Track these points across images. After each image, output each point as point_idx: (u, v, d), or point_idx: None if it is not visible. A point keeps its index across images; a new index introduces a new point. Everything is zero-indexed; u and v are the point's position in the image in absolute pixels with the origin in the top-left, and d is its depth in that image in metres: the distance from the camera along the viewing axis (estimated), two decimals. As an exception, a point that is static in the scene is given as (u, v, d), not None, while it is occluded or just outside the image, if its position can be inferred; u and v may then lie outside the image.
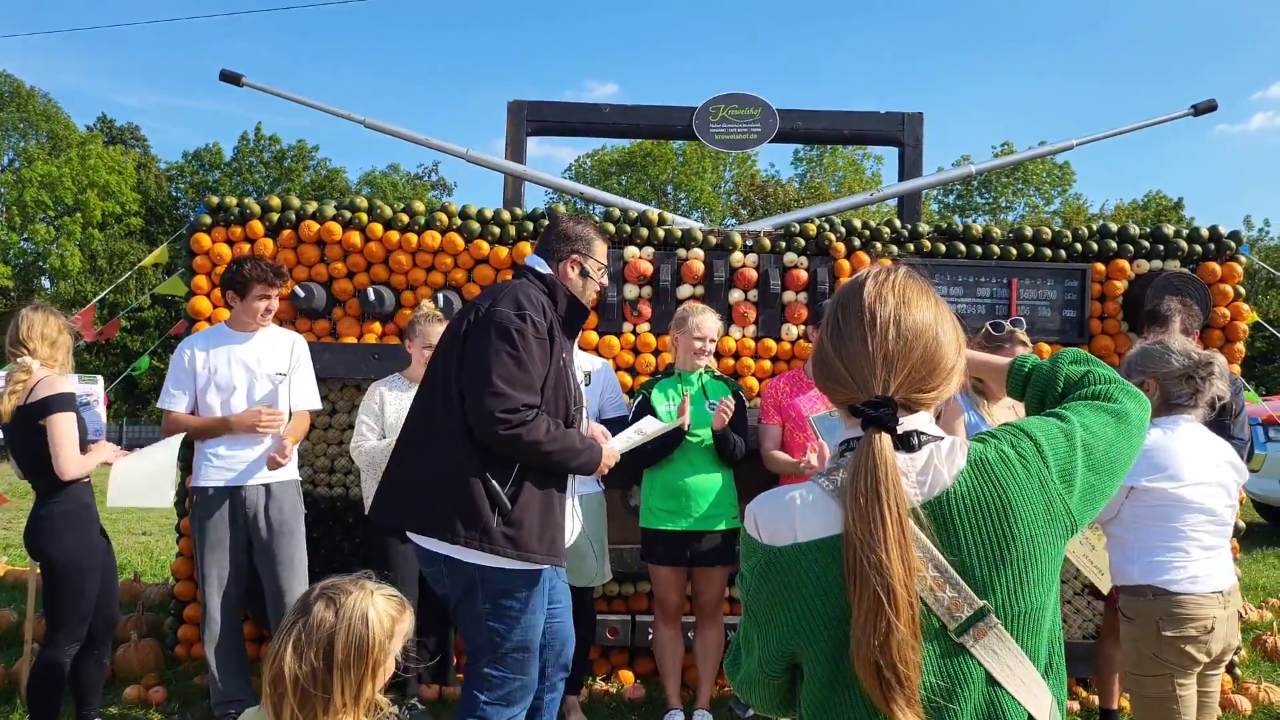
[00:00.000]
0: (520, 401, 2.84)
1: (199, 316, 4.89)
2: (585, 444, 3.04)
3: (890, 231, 4.99)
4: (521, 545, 2.89)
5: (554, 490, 3.01)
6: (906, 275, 1.50)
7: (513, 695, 3.03)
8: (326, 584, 1.87)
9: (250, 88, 5.36)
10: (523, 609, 2.98)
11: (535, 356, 2.90)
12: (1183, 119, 5.49)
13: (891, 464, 1.35)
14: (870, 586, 1.30)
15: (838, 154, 35.74)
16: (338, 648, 1.78)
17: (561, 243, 3.17)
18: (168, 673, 4.83)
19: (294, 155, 38.13)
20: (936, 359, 1.45)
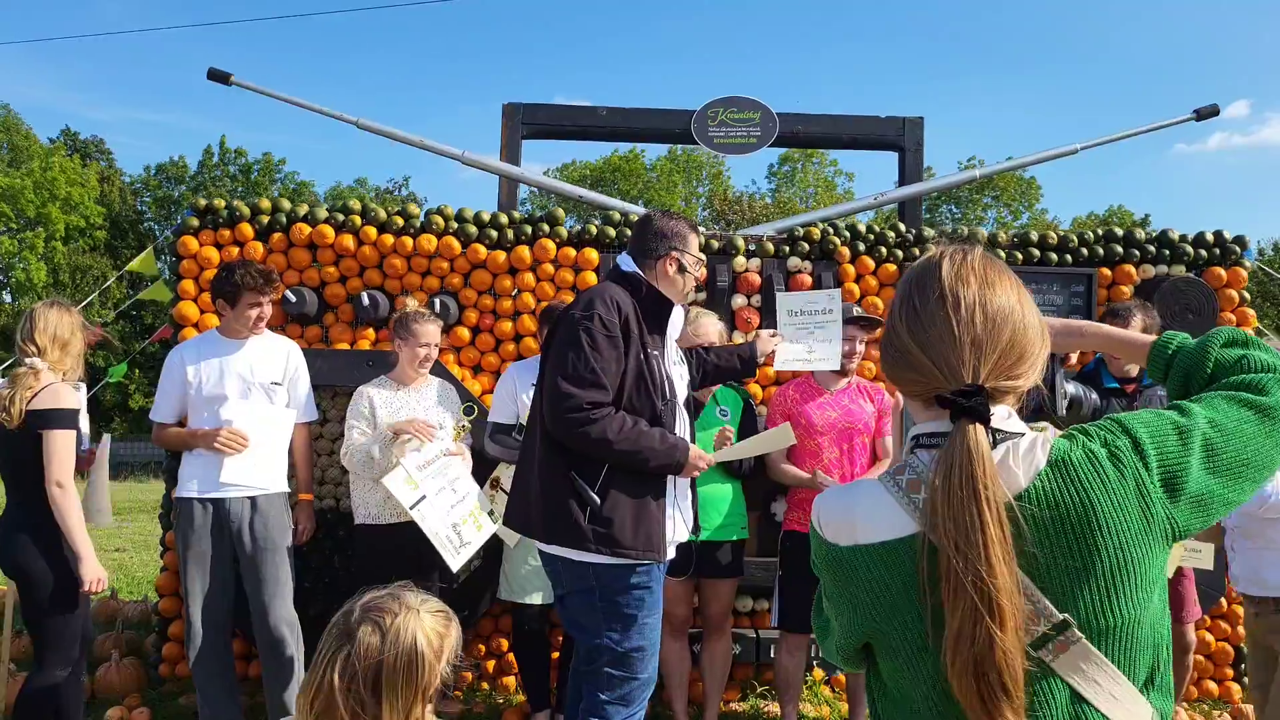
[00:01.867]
0: (585, 399, 2.82)
1: (186, 322, 4.72)
2: (667, 443, 2.93)
3: (895, 236, 4.92)
4: (614, 542, 2.86)
5: (648, 488, 2.95)
6: (984, 255, 1.38)
7: (631, 695, 2.99)
8: (367, 604, 1.74)
9: (239, 87, 5.21)
10: (637, 606, 2.95)
11: (604, 353, 2.87)
12: (1186, 122, 5.48)
13: (989, 459, 1.23)
14: (966, 596, 1.18)
15: (809, 171, 35.94)
16: (386, 675, 1.66)
17: (658, 241, 3.13)
18: (151, 693, 4.62)
19: (261, 168, 37.76)
20: (1024, 343, 1.33)
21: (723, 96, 5.38)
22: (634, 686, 2.98)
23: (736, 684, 4.69)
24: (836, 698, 4.75)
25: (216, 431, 3.88)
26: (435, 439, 4.10)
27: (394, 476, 4.00)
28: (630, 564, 2.90)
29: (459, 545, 4.04)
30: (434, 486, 4.04)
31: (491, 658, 4.79)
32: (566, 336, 2.91)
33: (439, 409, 4.26)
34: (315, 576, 4.63)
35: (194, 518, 3.93)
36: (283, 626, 3.94)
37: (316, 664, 1.69)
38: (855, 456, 4.23)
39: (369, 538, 4.20)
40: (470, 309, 4.84)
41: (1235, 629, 4.90)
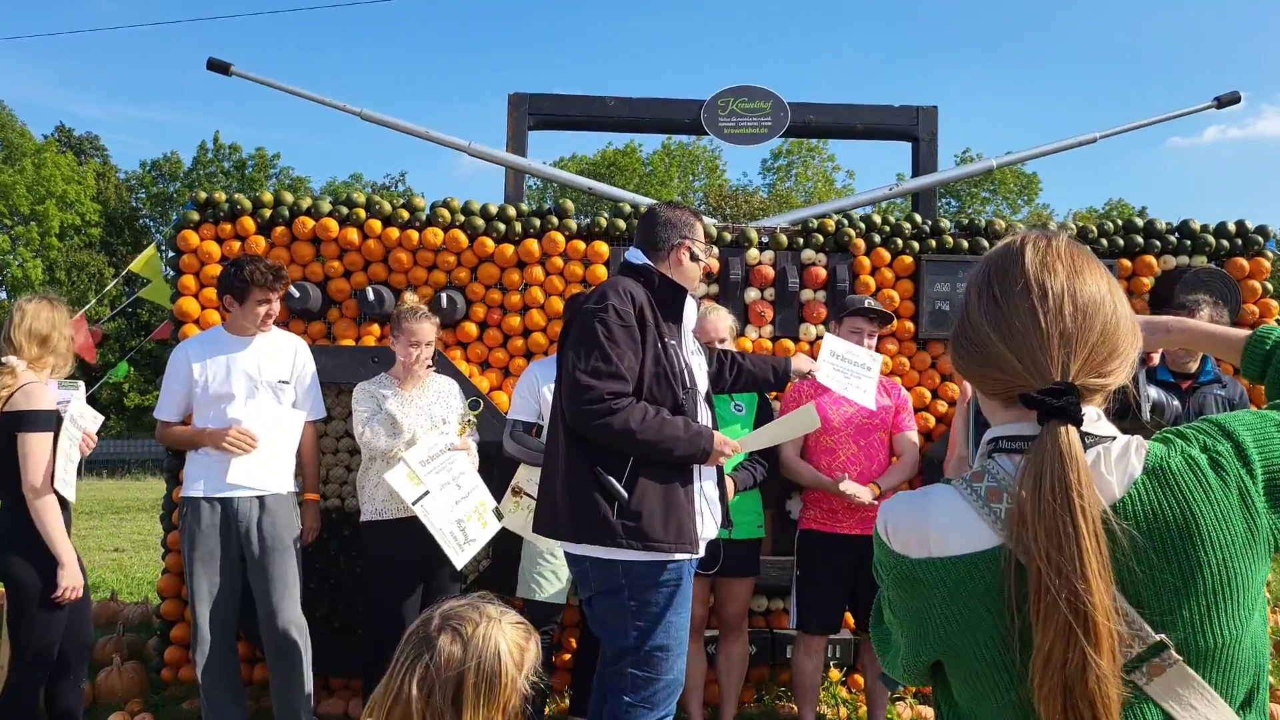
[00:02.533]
0: (605, 390, 2.77)
1: (186, 318, 4.61)
2: (691, 431, 2.86)
3: (911, 227, 4.82)
4: (645, 536, 2.80)
5: (676, 479, 2.88)
6: (1070, 242, 1.27)
7: (656, 696, 2.92)
8: (447, 613, 1.67)
9: (240, 77, 5.10)
10: (666, 604, 2.88)
11: (621, 344, 2.82)
12: (1207, 110, 5.39)
13: (1084, 465, 1.13)
14: (1059, 615, 1.08)
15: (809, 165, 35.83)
16: (468, 686, 1.59)
17: (668, 231, 3.08)
18: (154, 697, 4.53)
19: (255, 164, 37.59)
20: (1116, 338, 1.21)
21: (733, 86, 5.28)
22: (659, 687, 2.91)
23: (752, 685, 4.61)
24: (854, 698, 4.66)
25: (225, 431, 3.79)
26: (439, 434, 4.00)
27: (396, 472, 3.90)
28: (660, 559, 2.83)
29: (464, 542, 3.94)
30: (438, 482, 3.94)
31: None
32: (582, 329, 2.86)
33: (444, 406, 4.16)
34: (320, 578, 4.53)
35: (201, 518, 3.83)
36: (291, 629, 3.85)
37: (393, 673, 1.62)
38: (873, 453, 4.13)
39: (376, 534, 4.09)
40: (478, 304, 4.73)
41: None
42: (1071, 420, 1.16)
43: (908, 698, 4.68)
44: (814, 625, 4.08)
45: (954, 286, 4.76)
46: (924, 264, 4.75)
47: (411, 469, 3.89)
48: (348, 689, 4.63)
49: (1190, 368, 4.11)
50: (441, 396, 4.19)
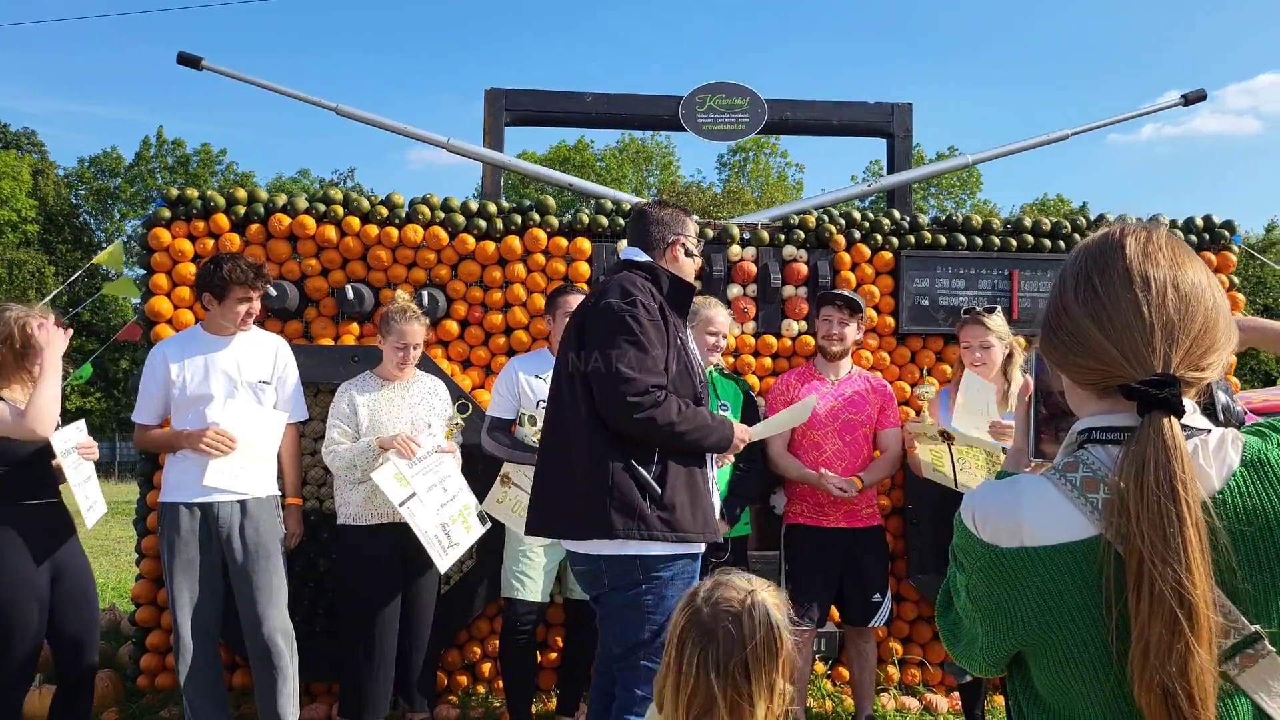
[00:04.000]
0: (649, 383, 2.78)
1: (158, 319, 4.50)
2: (717, 421, 2.97)
3: (890, 223, 4.86)
4: (679, 527, 2.83)
5: (696, 469, 2.93)
6: (1169, 234, 1.28)
7: None
8: (711, 600, 1.81)
9: (211, 71, 4.98)
10: (678, 596, 2.82)
11: (653, 339, 2.84)
12: (1174, 107, 5.51)
13: (1188, 457, 1.14)
14: (1165, 606, 1.09)
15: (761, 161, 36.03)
16: (753, 657, 1.77)
17: (662, 229, 3.09)
18: (130, 705, 4.42)
19: (200, 159, 36.87)
20: (1215, 331, 1.22)
21: (711, 82, 5.28)
22: None
23: (738, 680, 4.61)
24: (839, 690, 4.69)
25: (202, 432, 3.71)
26: (427, 435, 3.96)
27: (384, 472, 3.85)
28: (675, 553, 2.85)
29: (448, 545, 3.90)
30: (424, 484, 3.90)
31: (487, 660, 4.65)
32: (612, 325, 2.83)
33: (427, 407, 4.11)
34: (299, 581, 4.45)
35: (180, 523, 3.74)
36: (278, 636, 3.78)
37: (681, 667, 1.78)
38: (857, 448, 4.17)
39: (351, 538, 4.04)
40: (459, 301, 4.68)
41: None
42: (1174, 412, 1.16)
43: (890, 688, 4.73)
44: (801, 618, 4.10)
45: (932, 282, 4.82)
46: (903, 259, 4.79)
47: (399, 470, 3.85)
48: (330, 694, 4.56)
49: None
50: (425, 398, 4.14)
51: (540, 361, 4.14)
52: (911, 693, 4.75)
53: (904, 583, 4.72)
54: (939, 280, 4.82)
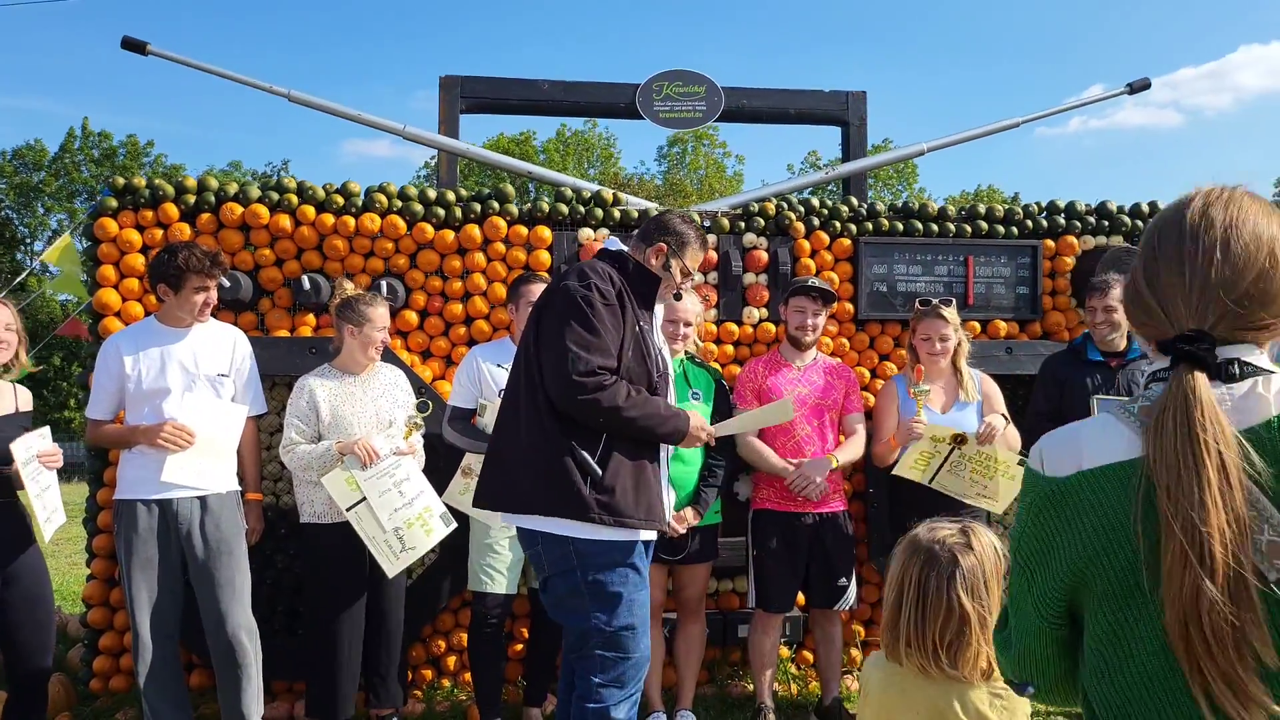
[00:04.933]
0: (596, 364, 2.80)
1: (106, 311, 4.36)
2: (670, 411, 2.95)
3: (849, 210, 4.90)
4: (616, 511, 2.83)
5: (646, 458, 2.93)
6: (1245, 193, 1.31)
7: (625, 676, 2.93)
8: (939, 539, 1.99)
9: (156, 56, 4.83)
10: (622, 584, 2.88)
11: (606, 323, 2.85)
12: (1118, 96, 5.64)
13: (1209, 403, 1.19)
14: (1175, 538, 1.15)
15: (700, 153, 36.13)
16: (992, 571, 1.97)
17: (659, 231, 3.12)
18: (83, 709, 4.29)
19: (127, 152, 35.83)
20: (1273, 288, 1.26)
21: (667, 70, 5.27)
22: (626, 666, 2.93)
23: (704, 665, 4.63)
24: (804, 674, 4.74)
25: (159, 427, 3.60)
26: (385, 438, 3.90)
27: (334, 476, 3.79)
28: (612, 539, 2.85)
29: (399, 550, 3.84)
30: (378, 489, 3.83)
31: (453, 653, 4.61)
32: (566, 307, 2.87)
33: (390, 399, 4.05)
34: (256, 578, 4.35)
35: (138, 521, 3.64)
36: (241, 634, 3.70)
37: (931, 602, 1.94)
38: (825, 432, 4.21)
39: (316, 537, 3.97)
40: (417, 291, 4.62)
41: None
42: (1201, 366, 1.22)
43: (855, 670, 4.78)
44: (772, 603, 4.13)
45: (890, 268, 4.87)
46: (862, 246, 4.84)
47: (351, 474, 3.79)
48: (291, 692, 4.48)
49: (1119, 346, 4.30)
50: (388, 389, 4.07)
51: (502, 351, 4.11)
52: (874, 674, 4.80)
53: (866, 566, 4.77)
54: (897, 266, 4.88)
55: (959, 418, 4.25)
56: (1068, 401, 4.27)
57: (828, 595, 4.19)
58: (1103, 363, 4.27)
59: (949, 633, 1.92)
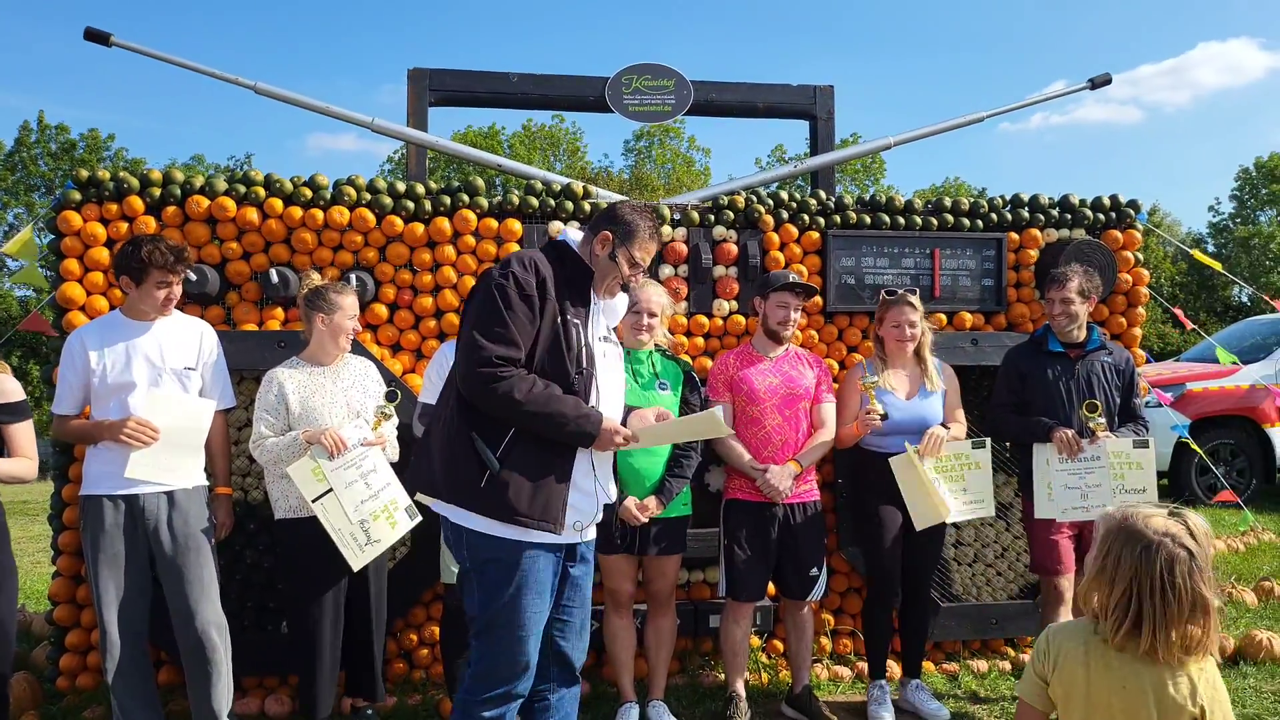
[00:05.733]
0: (495, 354, 2.75)
1: (71, 306, 4.31)
2: (579, 412, 2.81)
3: (817, 203, 4.94)
4: (507, 508, 2.76)
5: (554, 456, 2.83)
6: None
7: (492, 676, 2.85)
8: (1154, 530, 2.06)
9: (120, 47, 4.76)
10: (504, 581, 2.81)
11: (518, 313, 2.79)
12: (1080, 91, 5.72)
13: None
14: None
15: (666, 147, 36.14)
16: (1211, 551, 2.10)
17: (607, 220, 3.02)
18: (50, 708, 4.24)
19: (87, 146, 35.23)
20: None
21: (637, 63, 5.28)
22: (498, 665, 2.84)
23: (676, 656, 4.66)
24: (775, 663, 4.78)
25: (122, 422, 3.56)
26: (353, 428, 3.88)
27: (301, 466, 3.77)
28: (501, 535, 2.80)
29: (365, 543, 3.83)
30: (344, 479, 3.81)
31: (425, 646, 4.60)
32: (482, 293, 2.84)
33: (360, 389, 4.04)
34: (226, 574, 4.33)
35: (104, 517, 3.60)
36: (211, 629, 3.67)
37: (1174, 592, 2.01)
38: (796, 423, 4.24)
39: (294, 532, 3.94)
40: (387, 285, 4.60)
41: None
42: None
43: (824, 659, 4.83)
44: (742, 593, 4.16)
45: (858, 261, 4.92)
46: (830, 239, 4.88)
47: (318, 464, 3.77)
48: (261, 687, 4.46)
49: (1078, 338, 4.38)
50: (358, 380, 4.06)
51: None
52: (844, 662, 4.87)
53: (835, 555, 4.82)
54: (865, 259, 4.93)
55: (923, 405, 4.32)
56: (1030, 393, 4.35)
57: (798, 585, 4.23)
58: (1063, 354, 4.35)
59: (1190, 621, 2.03)
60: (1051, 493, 4.23)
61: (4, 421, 3.34)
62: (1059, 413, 4.28)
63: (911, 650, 4.50)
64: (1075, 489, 4.19)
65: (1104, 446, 4.18)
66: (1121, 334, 5.13)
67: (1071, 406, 4.28)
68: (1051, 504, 4.23)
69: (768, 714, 4.38)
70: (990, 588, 5.05)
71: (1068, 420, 4.26)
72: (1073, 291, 4.30)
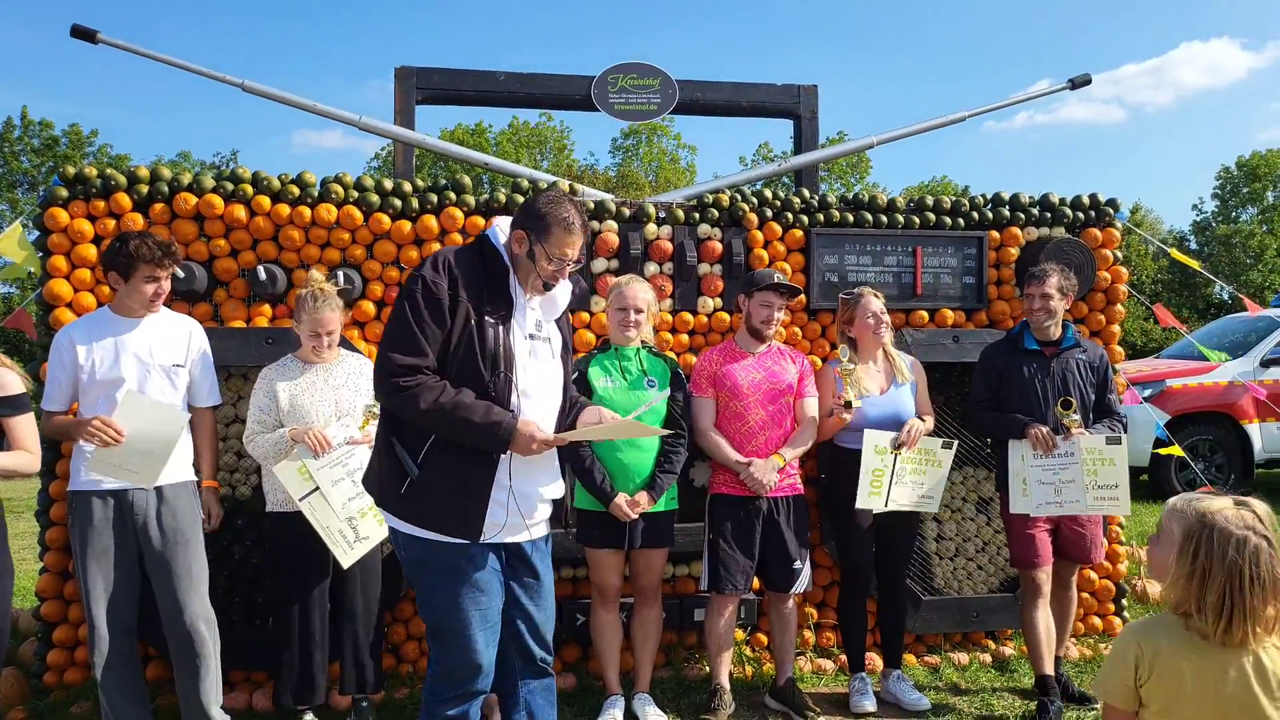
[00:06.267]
0: (399, 363, 2.72)
1: (58, 302, 4.33)
2: (488, 419, 2.71)
3: (801, 201, 5.00)
4: (423, 513, 2.79)
5: (473, 463, 2.79)
6: None
7: (448, 677, 2.88)
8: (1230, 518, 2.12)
9: (107, 45, 4.77)
10: (438, 584, 2.84)
11: (425, 317, 2.74)
12: (1061, 91, 5.79)
13: None
14: None
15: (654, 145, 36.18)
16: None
17: (521, 216, 2.92)
18: (38, 703, 4.26)
19: (70, 141, 35.01)
20: None
21: (623, 62, 5.32)
22: (450, 666, 2.85)
23: (661, 649, 4.71)
24: (758, 656, 4.84)
25: (88, 420, 3.53)
26: (339, 427, 3.93)
27: (287, 465, 3.82)
28: (423, 537, 2.81)
29: (353, 540, 3.88)
30: (331, 477, 3.86)
31: (412, 640, 4.64)
32: (396, 300, 2.83)
33: (352, 388, 4.07)
34: (215, 569, 4.35)
35: (93, 513, 3.63)
36: (200, 623, 3.70)
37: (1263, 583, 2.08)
38: (780, 418, 4.29)
39: (283, 526, 3.99)
40: (374, 281, 4.63)
41: (1116, 566, 5.26)
42: None
43: (807, 652, 4.89)
44: (725, 585, 4.21)
45: (841, 259, 4.98)
46: (814, 237, 4.94)
47: (304, 464, 3.81)
48: (249, 681, 4.49)
49: (1052, 334, 4.45)
50: (350, 378, 4.09)
51: None
52: (827, 655, 4.92)
53: (818, 549, 4.88)
54: (848, 257, 4.99)
55: (897, 396, 4.42)
56: (1006, 390, 4.42)
57: (782, 578, 4.29)
58: (1038, 351, 4.42)
59: (1271, 603, 2.10)
60: (1026, 489, 4.30)
61: (3, 414, 3.34)
62: (1035, 409, 4.34)
63: (891, 641, 4.57)
64: (1049, 484, 4.26)
65: (1077, 443, 4.25)
66: (1101, 331, 5.21)
67: (1047, 403, 4.35)
68: (1026, 500, 4.30)
69: (752, 706, 4.43)
70: (971, 581, 5.12)
71: (1043, 417, 4.33)
72: (1052, 288, 4.37)
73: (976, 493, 5.18)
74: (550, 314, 3.02)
